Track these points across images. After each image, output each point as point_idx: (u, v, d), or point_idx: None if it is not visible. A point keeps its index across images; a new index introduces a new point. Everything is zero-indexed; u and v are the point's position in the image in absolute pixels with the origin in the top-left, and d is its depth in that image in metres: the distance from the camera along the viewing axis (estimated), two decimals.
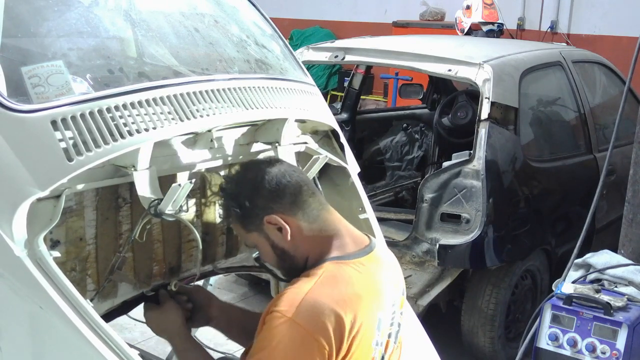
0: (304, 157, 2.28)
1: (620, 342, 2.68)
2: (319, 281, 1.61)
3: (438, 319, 3.49)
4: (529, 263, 3.75)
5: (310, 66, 4.66)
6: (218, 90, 1.88)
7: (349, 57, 4.08)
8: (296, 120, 2.20)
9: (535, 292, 3.87)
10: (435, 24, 8.51)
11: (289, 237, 1.69)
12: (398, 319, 1.82)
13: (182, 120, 1.74)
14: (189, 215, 2.14)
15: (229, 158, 2.13)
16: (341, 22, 10.14)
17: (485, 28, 6.14)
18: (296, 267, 1.73)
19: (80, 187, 1.70)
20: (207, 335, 2.58)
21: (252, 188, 1.69)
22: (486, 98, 3.47)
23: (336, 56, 4.06)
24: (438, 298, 3.49)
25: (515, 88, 3.65)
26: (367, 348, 1.64)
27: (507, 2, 7.50)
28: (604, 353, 2.71)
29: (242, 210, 1.70)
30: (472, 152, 3.46)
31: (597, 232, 4.08)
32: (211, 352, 1.94)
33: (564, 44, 7.26)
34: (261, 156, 2.15)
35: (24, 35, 1.80)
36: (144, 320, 1.94)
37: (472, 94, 4.32)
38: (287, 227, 1.68)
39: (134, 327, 3.47)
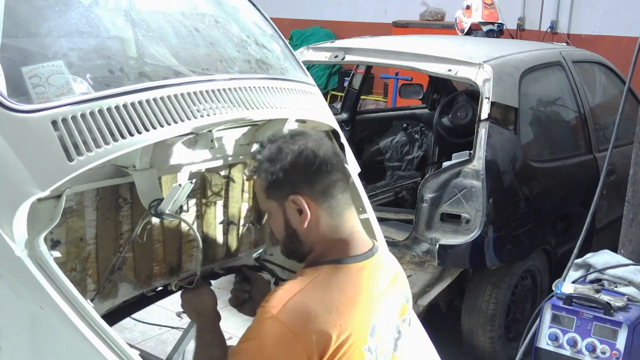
0: None
1: (620, 342, 2.68)
2: (311, 284, 1.59)
3: (438, 319, 3.50)
4: (529, 263, 3.75)
5: (310, 66, 4.65)
6: (218, 90, 1.88)
7: (349, 57, 4.08)
8: (296, 120, 2.20)
9: (535, 292, 3.87)
10: (435, 24, 8.51)
11: (305, 224, 1.64)
12: (399, 326, 1.79)
13: (182, 120, 1.74)
14: (189, 215, 2.14)
15: (229, 158, 2.13)
16: (341, 22, 10.13)
17: (485, 28, 6.13)
18: (300, 252, 1.70)
19: (80, 187, 1.70)
20: None
21: (292, 161, 1.61)
22: (486, 98, 3.47)
23: (336, 56, 4.06)
24: (438, 298, 3.49)
25: (515, 88, 3.65)
26: (357, 353, 1.62)
27: (507, 2, 7.49)
28: (604, 353, 2.71)
29: (272, 176, 1.63)
30: (472, 152, 3.46)
31: (597, 232, 4.08)
32: None
33: (564, 44, 7.26)
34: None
35: (24, 35, 1.80)
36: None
37: (472, 94, 4.32)
38: (308, 212, 1.63)
39: (134, 327, 3.48)
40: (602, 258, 3.08)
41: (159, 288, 2.13)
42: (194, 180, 1.86)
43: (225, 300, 2.08)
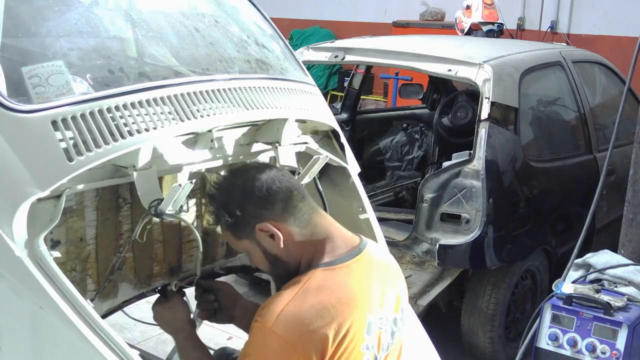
0: (304, 157, 2.28)
1: (620, 342, 2.68)
2: (301, 290, 1.61)
3: (438, 319, 3.50)
4: (529, 263, 3.75)
5: (310, 66, 4.65)
6: (218, 90, 1.88)
7: (349, 57, 4.08)
8: (296, 121, 2.20)
9: (535, 292, 3.87)
10: (435, 24, 8.51)
11: (281, 244, 1.68)
12: (395, 319, 1.80)
13: (182, 120, 1.74)
14: (189, 215, 2.14)
15: (229, 158, 2.13)
16: (341, 22, 10.13)
17: (485, 28, 6.14)
18: (289, 272, 1.73)
19: (80, 187, 1.70)
20: (208, 335, 2.58)
21: (242, 195, 1.67)
22: (486, 98, 3.47)
23: (336, 56, 4.06)
24: (438, 298, 3.49)
25: (515, 88, 3.65)
26: (356, 353, 1.63)
27: (507, 2, 7.49)
28: (604, 353, 2.71)
29: (232, 218, 1.68)
30: (472, 152, 3.46)
31: (597, 232, 4.08)
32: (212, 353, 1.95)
33: (564, 44, 7.26)
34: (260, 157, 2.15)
35: (24, 35, 1.80)
36: (151, 317, 1.93)
37: (472, 94, 4.32)
38: (279, 234, 1.67)
39: (134, 327, 3.48)
40: (602, 258, 3.08)
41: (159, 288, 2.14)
42: (194, 180, 1.86)
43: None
